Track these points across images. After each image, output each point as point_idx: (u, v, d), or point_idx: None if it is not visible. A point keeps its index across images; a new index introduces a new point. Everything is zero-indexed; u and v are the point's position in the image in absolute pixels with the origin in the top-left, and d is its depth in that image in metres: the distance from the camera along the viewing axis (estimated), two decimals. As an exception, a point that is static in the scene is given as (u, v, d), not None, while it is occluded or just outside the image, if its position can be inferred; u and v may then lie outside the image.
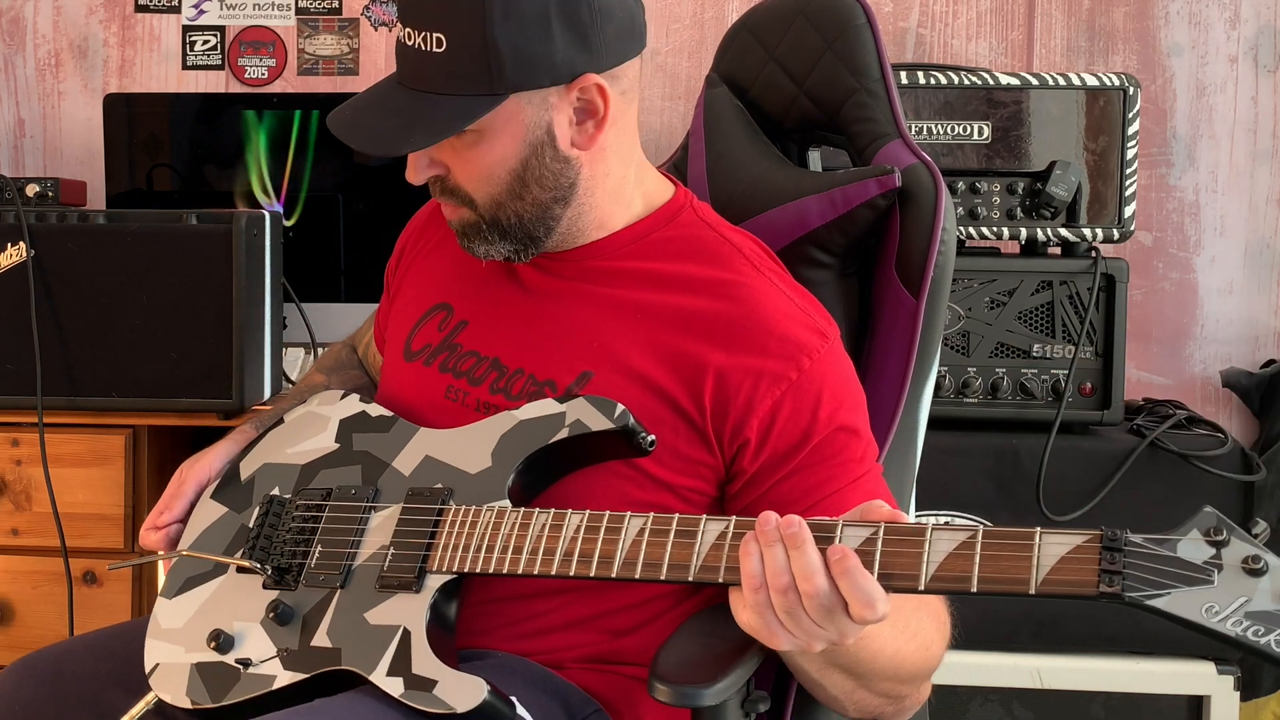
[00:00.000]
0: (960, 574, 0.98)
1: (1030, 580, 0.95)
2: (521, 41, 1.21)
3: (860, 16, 1.53)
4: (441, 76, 1.23)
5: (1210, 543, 0.90)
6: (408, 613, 1.18)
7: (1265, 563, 0.87)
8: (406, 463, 1.30)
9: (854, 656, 1.11)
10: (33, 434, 2.04)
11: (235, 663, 1.23)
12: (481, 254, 1.33)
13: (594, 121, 1.28)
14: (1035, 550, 0.96)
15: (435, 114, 1.24)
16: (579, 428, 1.23)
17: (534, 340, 1.33)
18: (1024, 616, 2.08)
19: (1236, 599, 0.87)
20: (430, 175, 1.30)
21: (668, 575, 1.10)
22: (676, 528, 1.11)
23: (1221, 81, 2.52)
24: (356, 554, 1.25)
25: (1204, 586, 0.89)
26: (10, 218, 2.05)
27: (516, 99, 1.24)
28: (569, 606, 1.29)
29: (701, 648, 1.16)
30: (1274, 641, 0.85)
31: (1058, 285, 2.10)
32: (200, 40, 2.71)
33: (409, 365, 1.41)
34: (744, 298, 1.29)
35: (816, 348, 1.26)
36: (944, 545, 0.99)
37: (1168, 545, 0.91)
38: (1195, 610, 0.88)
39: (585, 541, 1.14)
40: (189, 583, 1.33)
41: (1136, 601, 0.90)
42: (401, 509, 1.25)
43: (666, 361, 1.27)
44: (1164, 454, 2.06)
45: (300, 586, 1.25)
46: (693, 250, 1.34)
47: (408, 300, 1.48)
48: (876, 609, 0.99)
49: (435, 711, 1.10)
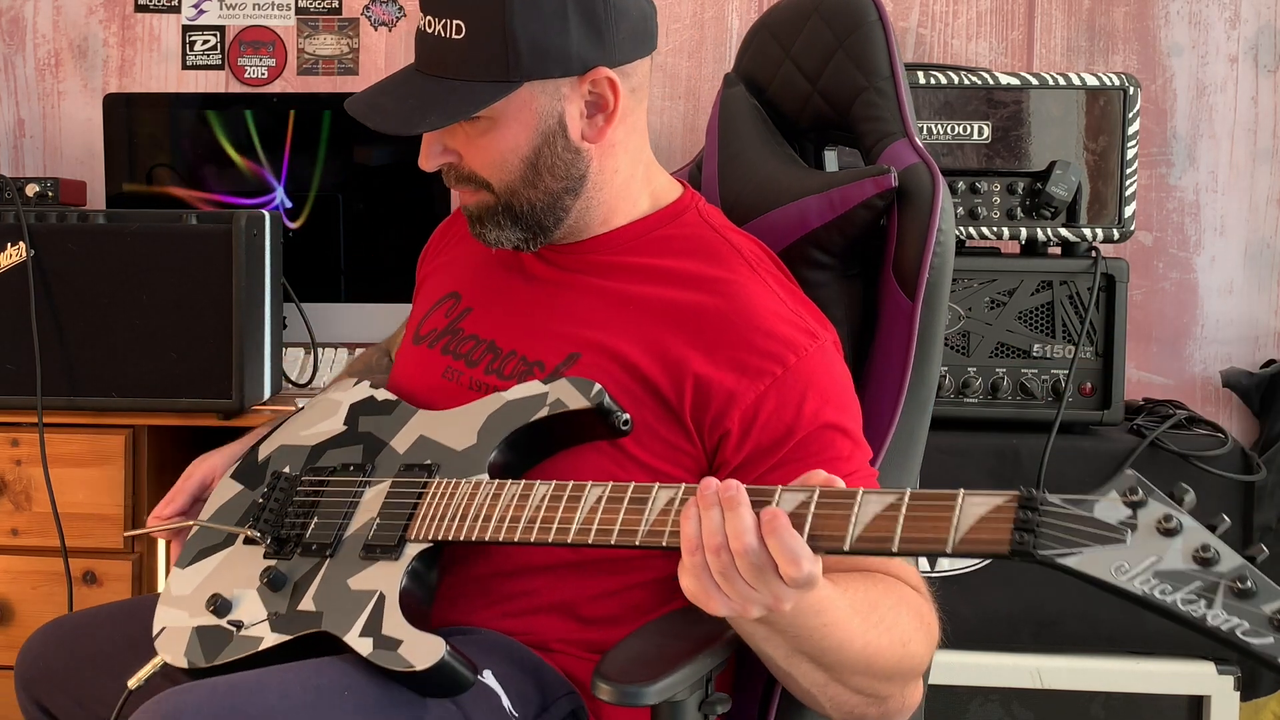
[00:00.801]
0: (884, 535, 0.99)
1: (948, 540, 0.96)
2: (539, 32, 1.26)
3: (873, 14, 1.53)
4: (459, 63, 1.28)
5: (1127, 503, 0.90)
6: (386, 578, 1.23)
7: (1179, 523, 0.87)
8: (402, 442, 1.37)
9: (818, 645, 1.11)
10: (33, 434, 2.04)
11: (229, 624, 1.29)
12: (492, 240, 1.38)
13: (604, 115, 1.32)
14: (956, 511, 0.97)
15: (450, 98, 1.28)
16: (558, 406, 1.28)
17: (529, 325, 1.37)
18: (1024, 616, 2.08)
19: (1147, 558, 0.87)
20: (443, 162, 1.35)
21: (618, 540, 1.13)
22: (631, 495, 1.14)
23: (1222, 81, 2.52)
24: (348, 525, 1.31)
25: (1116, 546, 0.88)
26: (10, 218, 2.05)
27: (530, 87, 1.28)
28: (550, 589, 1.32)
29: (654, 647, 1.19)
30: (1179, 600, 0.85)
31: (1058, 285, 2.10)
32: (200, 40, 2.71)
33: (415, 349, 1.47)
34: (734, 294, 1.31)
35: (804, 346, 1.28)
36: (872, 508, 1.00)
37: (1084, 506, 0.91)
38: (1105, 569, 0.88)
39: (548, 510, 1.18)
40: (200, 554, 1.39)
41: (1048, 559, 0.90)
42: (391, 483, 1.32)
43: (653, 350, 1.29)
44: (1164, 454, 2.06)
45: (296, 555, 1.32)
46: (691, 248, 1.37)
47: (428, 292, 1.54)
48: (801, 565, 1.00)
49: (396, 669, 1.16)
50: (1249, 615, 0.83)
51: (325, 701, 1.15)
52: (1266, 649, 0.82)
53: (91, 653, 1.43)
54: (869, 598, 1.16)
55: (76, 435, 2.07)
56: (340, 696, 1.15)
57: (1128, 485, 0.90)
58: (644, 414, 1.28)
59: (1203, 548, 0.86)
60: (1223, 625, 0.83)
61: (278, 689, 1.15)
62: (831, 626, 1.10)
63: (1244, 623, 0.83)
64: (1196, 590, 0.85)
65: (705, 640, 1.18)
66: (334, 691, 1.16)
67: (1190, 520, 0.87)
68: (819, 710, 1.20)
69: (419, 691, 1.18)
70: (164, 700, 1.13)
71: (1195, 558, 0.86)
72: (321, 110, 2.49)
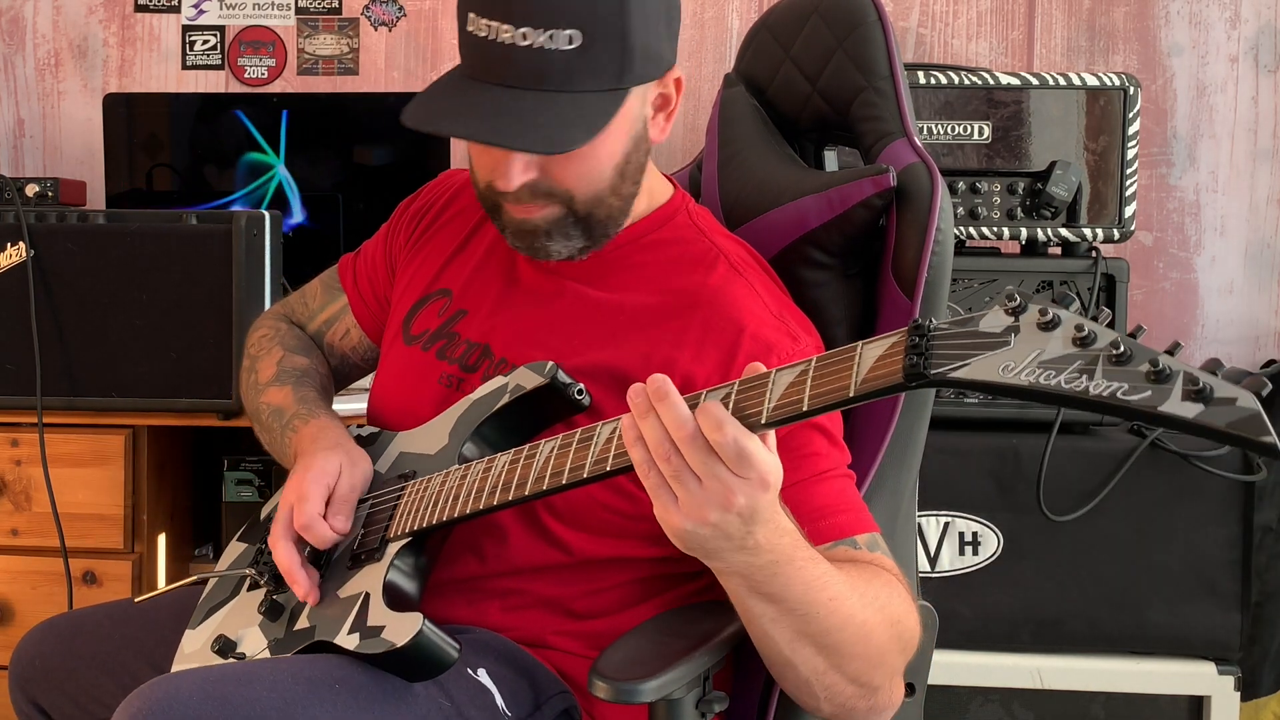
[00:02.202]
0: (795, 399, 1.01)
1: (850, 385, 0.98)
2: (651, 37, 1.26)
3: (872, 14, 1.53)
4: (573, 74, 1.23)
5: (1009, 311, 0.92)
6: (371, 580, 1.25)
7: (1055, 316, 0.89)
8: (384, 463, 1.39)
9: (823, 623, 1.12)
10: (32, 434, 2.04)
11: (233, 659, 1.29)
12: (552, 252, 1.34)
13: (664, 114, 1.33)
14: (856, 359, 0.99)
15: (580, 110, 1.24)
16: (518, 391, 1.30)
17: (520, 332, 1.38)
18: (1024, 616, 2.08)
19: (1030, 353, 0.89)
20: (527, 179, 1.28)
21: (569, 479, 1.14)
22: (578, 437, 1.16)
23: (1222, 81, 2.52)
24: (336, 546, 1.32)
25: (1002, 349, 0.90)
26: (10, 218, 2.05)
27: (634, 93, 1.28)
28: (542, 587, 1.33)
29: (652, 645, 1.19)
30: (1063, 382, 0.87)
31: (1058, 285, 2.10)
32: (200, 40, 2.71)
33: (408, 349, 1.45)
34: (716, 299, 1.32)
35: (787, 349, 1.29)
36: (785, 379, 1.03)
37: (970, 323, 0.93)
38: (993, 372, 0.90)
39: (508, 473, 1.20)
40: (209, 612, 1.41)
41: (940, 376, 0.92)
42: (372, 498, 1.34)
43: (642, 359, 1.30)
44: (1164, 454, 2.06)
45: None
46: (680, 254, 1.37)
47: (413, 276, 1.50)
48: (724, 430, 1.01)
49: (379, 652, 1.17)
50: (1127, 377, 0.85)
51: (316, 694, 1.14)
52: (1144, 401, 0.84)
53: (88, 652, 1.43)
54: (862, 575, 1.17)
55: (76, 435, 2.07)
56: (331, 689, 1.15)
57: (1008, 296, 0.92)
58: None
59: (1078, 328, 0.88)
60: (1104, 392, 0.85)
61: (268, 680, 1.14)
62: (835, 601, 1.11)
63: (1123, 384, 0.85)
64: (1078, 369, 0.87)
65: (703, 638, 1.19)
66: (324, 684, 1.16)
67: (1065, 312, 0.90)
68: (814, 705, 1.19)
69: (407, 676, 1.18)
70: (154, 688, 1.12)
71: (1074, 340, 0.88)
72: (321, 110, 2.49)
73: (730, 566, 1.09)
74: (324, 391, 1.53)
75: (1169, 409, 0.83)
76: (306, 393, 1.50)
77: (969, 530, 2.09)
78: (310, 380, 1.53)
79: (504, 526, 1.32)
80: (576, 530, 1.31)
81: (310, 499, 1.29)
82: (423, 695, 1.19)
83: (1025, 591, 2.08)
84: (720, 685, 1.22)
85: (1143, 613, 2.08)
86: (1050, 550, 2.08)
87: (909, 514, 1.49)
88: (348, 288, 1.59)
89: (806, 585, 1.10)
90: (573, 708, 1.30)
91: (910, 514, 1.50)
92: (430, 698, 1.19)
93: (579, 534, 1.31)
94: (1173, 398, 0.83)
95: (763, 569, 1.08)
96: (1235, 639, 2.07)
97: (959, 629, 2.07)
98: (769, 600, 1.11)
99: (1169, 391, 0.84)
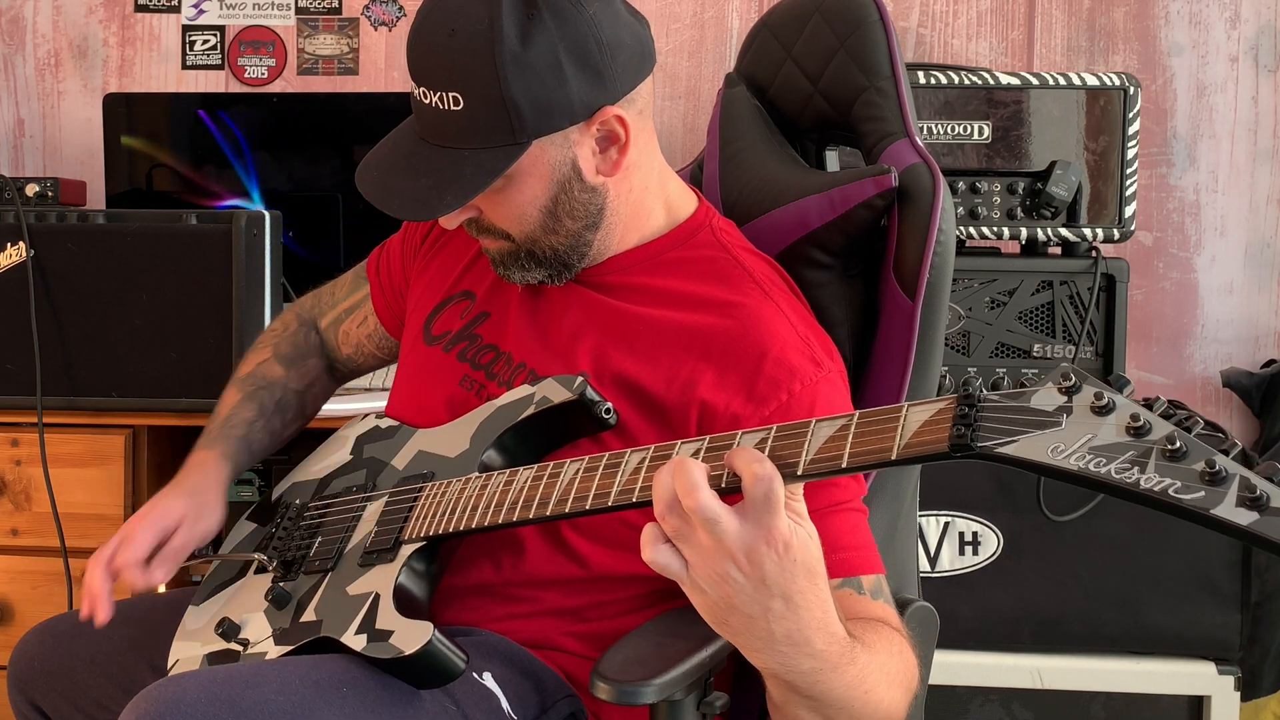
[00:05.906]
0: (834, 454, 0.99)
1: (893, 448, 0.96)
2: (537, 90, 1.24)
3: (874, 14, 1.53)
4: (463, 133, 1.26)
5: (1063, 391, 0.90)
6: (382, 580, 1.25)
7: (1111, 401, 0.87)
8: (402, 459, 1.40)
9: (855, 714, 1.09)
10: (32, 434, 2.04)
11: (236, 644, 1.31)
12: (518, 279, 1.37)
13: (617, 148, 1.32)
14: (901, 421, 0.97)
15: (462, 171, 1.26)
16: (544, 403, 1.30)
17: (541, 341, 1.38)
18: (1024, 616, 2.09)
19: (1082, 437, 0.87)
20: (463, 219, 1.34)
21: (592, 505, 1.13)
22: (605, 463, 1.15)
23: (1222, 81, 2.52)
24: (349, 540, 1.33)
25: (1053, 430, 0.88)
26: (10, 218, 2.05)
27: (539, 143, 1.27)
28: (558, 599, 1.33)
29: (653, 646, 1.19)
30: (1114, 470, 0.85)
31: (1058, 285, 2.10)
32: (200, 40, 2.71)
33: (429, 350, 1.46)
34: (745, 319, 1.31)
35: (810, 375, 1.28)
36: (825, 432, 1.00)
37: (1022, 398, 0.92)
38: (1042, 452, 0.88)
39: (530, 489, 1.19)
40: (214, 590, 1.42)
41: (987, 450, 0.90)
42: (389, 494, 1.35)
43: (661, 374, 1.30)
44: (1164, 454, 2.06)
45: (300, 575, 1.35)
46: (703, 271, 1.37)
47: (432, 278, 1.51)
48: (696, 496, 0.95)
49: (386, 657, 1.17)
50: (1180, 474, 0.83)
51: (323, 697, 1.14)
52: (1197, 502, 0.82)
53: (87, 653, 1.43)
54: (882, 649, 1.14)
55: (76, 435, 2.07)
56: (338, 692, 1.15)
57: (1062, 375, 0.91)
58: (648, 436, 1.28)
59: (1134, 418, 0.86)
60: (1155, 487, 0.83)
61: (275, 683, 1.15)
62: (870, 694, 1.09)
63: (1176, 481, 0.83)
64: (1130, 459, 0.85)
65: (704, 639, 1.18)
66: (331, 687, 1.16)
67: (1122, 398, 0.88)
68: None
69: (414, 683, 1.18)
70: (161, 689, 1.12)
71: (1128, 430, 0.86)
72: (321, 110, 2.49)
73: (766, 658, 1.04)
74: (275, 411, 1.57)
75: (1222, 513, 0.81)
76: (242, 413, 1.56)
77: (969, 530, 2.09)
78: (263, 396, 1.58)
79: (522, 538, 1.31)
80: (596, 545, 1.30)
81: (137, 543, 1.37)
82: (429, 700, 1.19)
83: (1025, 591, 2.08)
84: (721, 686, 1.22)
85: (1143, 613, 2.08)
86: (1050, 550, 2.08)
87: (910, 515, 1.49)
88: (371, 277, 1.63)
89: (848, 687, 1.07)
90: (579, 711, 1.30)
91: (911, 515, 1.50)
92: (436, 702, 1.19)
93: (599, 549, 1.30)
94: (1226, 501, 0.81)
95: (805, 675, 1.05)
96: (1235, 639, 2.07)
97: (959, 629, 2.07)
98: (807, 698, 1.08)
99: (1223, 495, 0.82)
